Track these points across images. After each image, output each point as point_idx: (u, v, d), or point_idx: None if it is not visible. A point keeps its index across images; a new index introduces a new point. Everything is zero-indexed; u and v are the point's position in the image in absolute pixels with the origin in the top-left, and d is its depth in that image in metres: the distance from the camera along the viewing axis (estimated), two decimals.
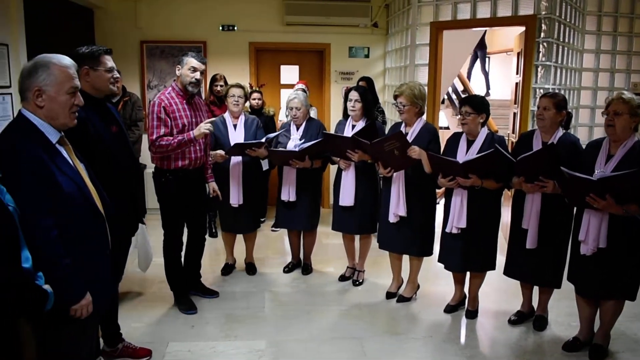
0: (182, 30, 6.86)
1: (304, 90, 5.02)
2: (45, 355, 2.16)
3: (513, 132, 5.71)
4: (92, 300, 2.15)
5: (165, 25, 6.84)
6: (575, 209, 3.45)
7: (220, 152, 4.31)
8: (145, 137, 5.82)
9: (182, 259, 4.14)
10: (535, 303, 3.94)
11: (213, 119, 3.90)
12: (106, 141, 2.86)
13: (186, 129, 3.80)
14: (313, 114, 5.36)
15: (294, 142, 4.49)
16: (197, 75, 3.82)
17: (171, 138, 3.73)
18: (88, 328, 2.26)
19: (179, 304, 4.10)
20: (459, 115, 3.79)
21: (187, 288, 4.21)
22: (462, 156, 3.71)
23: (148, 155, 4.08)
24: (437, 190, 4.12)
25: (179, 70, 3.84)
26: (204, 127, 3.77)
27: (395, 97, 4.01)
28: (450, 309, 4.11)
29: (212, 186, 4.21)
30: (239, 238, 4.89)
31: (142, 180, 5.31)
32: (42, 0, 5.20)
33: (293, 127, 4.60)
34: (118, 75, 2.98)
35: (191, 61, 3.81)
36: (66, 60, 2.14)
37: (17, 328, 1.83)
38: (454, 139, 3.88)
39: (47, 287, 1.84)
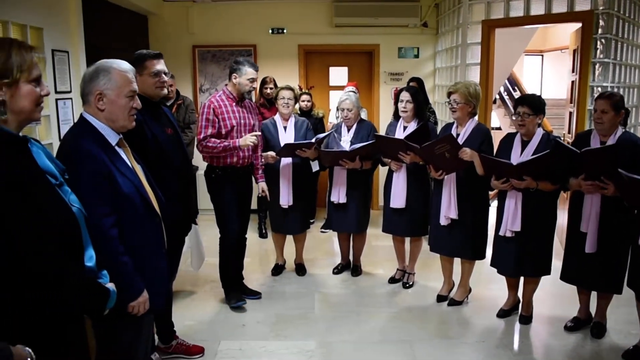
0: (233, 35, 6.97)
1: (354, 92, 5.01)
2: (103, 351, 2.24)
3: (569, 132, 5.54)
4: (149, 297, 2.20)
5: (217, 30, 6.98)
6: (636, 211, 3.32)
7: (271, 153, 4.36)
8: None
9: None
10: (592, 309, 3.81)
11: (257, 133, 4.02)
12: (161, 143, 2.94)
13: (235, 130, 3.96)
14: (364, 115, 5.35)
15: (345, 143, 4.49)
16: (255, 84, 4.06)
17: (218, 141, 3.89)
18: (144, 325, 2.32)
19: (228, 299, 4.19)
20: (515, 116, 3.69)
21: (236, 283, 4.29)
22: (516, 157, 3.62)
23: (199, 156, 4.19)
24: (490, 192, 4.03)
25: (236, 78, 3.97)
26: (250, 139, 3.91)
27: (449, 94, 3.95)
28: (503, 313, 4.02)
29: (262, 186, 4.31)
30: (289, 239, 4.93)
31: (195, 181, 5.43)
32: (100, 8, 5.40)
33: (344, 129, 4.61)
34: (166, 79, 3.04)
35: (250, 72, 3.97)
36: (125, 65, 2.21)
37: (83, 325, 1.90)
38: (508, 139, 3.79)
39: (110, 285, 1.89)
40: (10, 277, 1.59)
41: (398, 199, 4.35)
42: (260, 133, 4.10)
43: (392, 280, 4.72)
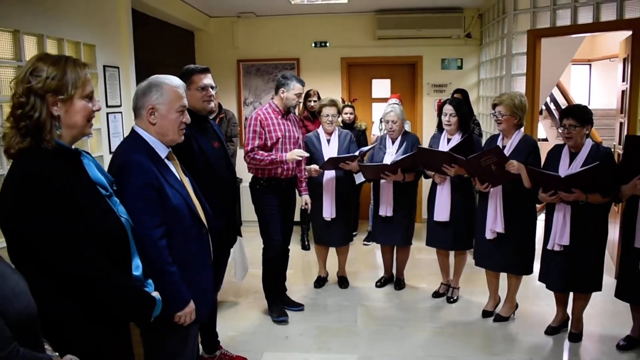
0: (277, 49, 7.08)
1: (398, 104, 4.99)
2: (150, 359, 2.29)
3: (619, 143, 5.37)
4: (195, 308, 2.24)
5: (261, 44, 7.10)
6: None
7: (315, 166, 4.38)
8: (240, 152, 6.06)
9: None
10: None
11: (306, 154, 4.10)
12: (209, 156, 3.00)
13: (280, 142, 4.02)
14: (408, 127, 5.32)
15: (390, 155, 4.48)
16: (301, 99, 4.16)
17: (265, 154, 3.95)
18: (190, 335, 2.36)
19: (271, 312, 4.21)
20: (562, 129, 3.60)
21: (279, 296, 4.31)
22: (564, 169, 3.53)
23: (243, 169, 4.25)
24: (537, 204, 3.94)
25: (284, 93, 4.05)
26: (297, 153, 3.99)
27: (494, 106, 3.90)
28: (551, 330, 3.91)
29: (305, 199, 4.35)
30: (332, 251, 4.93)
31: (239, 194, 5.50)
32: (149, 24, 5.58)
33: (388, 141, 4.60)
34: (213, 93, 3.10)
35: (298, 87, 4.06)
36: (177, 81, 2.28)
37: (128, 333, 1.95)
38: (556, 151, 3.70)
39: (155, 294, 1.94)
40: (59, 286, 1.65)
41: (442, 212, 4.31)
42: (308, 154, 4.15)
43: (436, 294, 4.65)
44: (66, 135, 1.73)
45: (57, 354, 1.35)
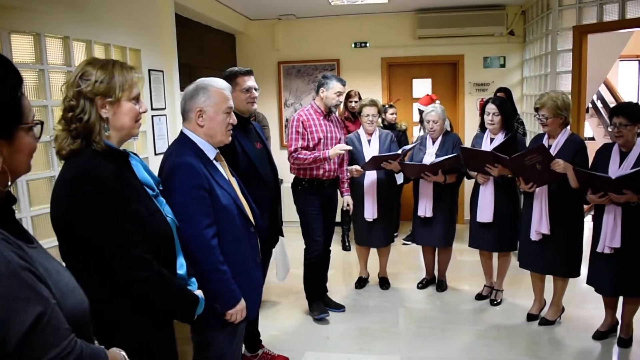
0: (317, 50, 7.12)
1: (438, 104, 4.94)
2: (198, 357, 2.34)
3: None
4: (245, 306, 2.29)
5: (301, 46, 7.15)
6: None
7: (356, 167, 4.37)
8: (281, 154, 6.11)
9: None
10: None
11: (348, 147, 4.10)
12: (251, 157, 3.04)
13: (322, 142, 4.04)
14: (448, 126, 5.26)
15: (430, 156, 4.44)
16: (341, 98, 4.13)
17: (308, 153, 3.97)
18: (238, 333, 2.40)
19: (311, 311, 4.23)
20: (612, 127, 3.49)
21: (320, 297, 4.33)
22: (615, 169, 3.42)
23: (283, 170, 4.28)
24: (585, 205, 3.83)
25: (323, 92, 4.06)
26: (340, 148, 3.98)
27: (537, 109, 3.81)
28: (599, 335, 3.79)
29: (347, 200, 4.35)
30: (373, 252, 4.92)
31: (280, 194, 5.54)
32: (192, 29, 5.69)
33: (429, 141, 4.56)
34: (256, 95, 3.15)
35: (338, 86, 4.05)
36: (222, 83, 2.33)
37: (172, 331, 1.99)
38: (605, 150, 3.59)
39: (198, 292, 1.97)
40: (106, 283, 1.69)
41: (485, 213, 4.24)
42: (350, 147, 4.15)
43: (479, 296, 4.58)
44: (114, 137, 1.79)
45: (103, 347, 1.39)
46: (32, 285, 1.09)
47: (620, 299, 3.69)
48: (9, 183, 1.18)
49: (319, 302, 4.28)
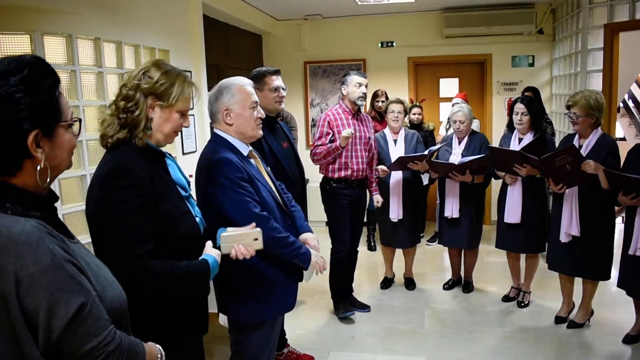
0: (343, 50, 7.12)
1: (465, 103, 4.90)
2: (235, 357, 2.38)
3: None
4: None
5: (327, 46, 7.16)
6: None
7: (382, 167, 4.37)
8: (307, 153, 6.11)
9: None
10: None
11: (351, 132, 3.95)
12: (278, 156, 3.07)
13: (350, 142, 4.00)
14: (475, 126, 5.21)
15: (456, 156, 4.41)
16: (364, 89, 4.06)
17: (324, 147, 3.98)
18: (274, 332, 2.46)
19: (337, 310, 4.24)
20: None
21: (346, 296, 4.33)
22: None
23: (309, 169, 4.29)
24: (616, 207, 3.76)
25: (345, 89, 4.07)
26: (345, 132, 3.91)
27: (569, 107, 3.75)
28: (630, 339, 3.72)
29: (377, 198, 4.34)
30: (398, 252, 4.90)
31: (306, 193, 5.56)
32: (219, 29, 5.75)
33: (455, 141, 4.53)
34: (284, 94, 3.17)
35: (355, 78, 4.04)
36: (243, 79, 2.38)
37: (200, 338, 2.02)
38: (637, 151, 3.51)
39: (207, 254, 1.89)
40: (131, 276, 1.70)
41: (513, 214, 4.19)
42: (353, 131, 3.97)
43: (506, 298, 4.53)
44: (154, 138, 1.83)
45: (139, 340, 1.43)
46: (75, 277, 1.14)
47: None
48: (48, 179, 1.22)
49: (345, 302, 4.28)
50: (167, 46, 4.25)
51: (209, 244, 1.91)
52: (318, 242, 2.50)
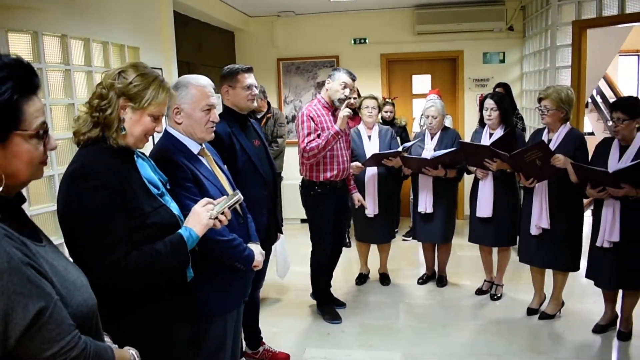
0: (316, 47, 7.12)
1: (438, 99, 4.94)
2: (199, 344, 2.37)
3: None
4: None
5: (300, 43, 7.15)
6: None
7: (357, 163, 4.37)
8: (287, 151, 6.10)
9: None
10: None
11: (348, 110, 3.81)
12: (249, 154, 3.04)
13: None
14: (448, 122, 5.26)
15: (428, 151, 4.44)
16: (347, 91, 3.88)
17: (319, 139, 3.80)
18: (229, 323, 2.47)
19: (323, 314, 4.20)
20: (611, 122, 3.49)
21: (332, 298, 4.32)
22: (614, 163, 3.42)
23: (289, 167, 4.27)
24: (584, 200, 3.83)
25: (329, 83, 3.94)
26: (343, 112, 3.76)
27: (540, 100, 3.81)
28: (599, 329, 3.80)
29: (357, 197, 4.30)
30: (373, 248, 4.92)
31: (280, 192, 5.54)
32: (190, 26, 5.69)
33: (427, 137, 4.56)
34: (256, 92, 3.13)
35: (343, 77, 3.88)
36: (203, 80, 2.35)
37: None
38: (605, 145, 3.59)
39: (182, 229, 1.89)
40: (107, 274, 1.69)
41: (485, 208, 4.24)
42: (350, 111, 3.85)
43: (479, 291, 4.59)
44: (126, 140, 1.81)
45: (116, 345, 1.41)
46: (34, 280, 1.10)
47: (620, 292, 3.70)
48: (1, 187, 1.17)
49: (330, 305, 4.25)
50: (137, 43, 4.20)
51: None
52: (263, 255, 2.53)
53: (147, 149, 2.18)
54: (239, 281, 2.46)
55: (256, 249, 2.48)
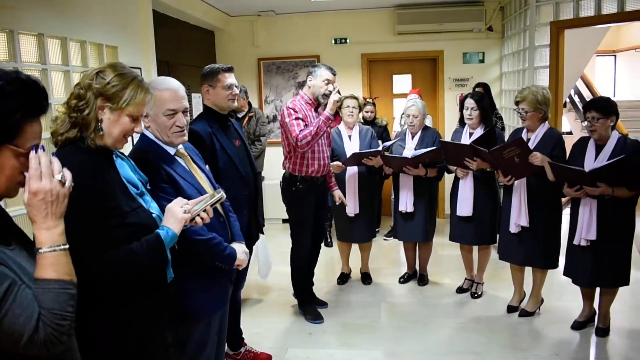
0: (297, 46, 7.11)
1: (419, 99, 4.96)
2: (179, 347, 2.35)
3: None
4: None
5: (281, 43, 7.13)
6: None
7: (337, 162, 4.38)
8: (268, 151, 6.09)
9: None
10: None
11: (336, 96, 3.80)
12: (230, 154, 3.02)
13: None
14: (429, 122, 5.29)
15: (409, 151, 4.46)
16: (330, 87, 3.90)
17: (309, 127, 3.78)
18: (212, 325, 2.44)
19: (305, 313, 4.20)
20: (586, 122, 3.55)
21: (313, 297, 4.32)
22: (590, 162, 3.48)
23: (267, 168, 4.25)
24: (563, 198, 3.89)
25: (311, 80, 3.94)
26: (333, 97, 3.75)
27: (517, 102, 3.85)
28: (578, 325, 3.86)
29: (337, 194, 4.30)
30: (355, 248, 4.93)
31: (261, 192, 5.52)
32: (169, 25, 5.64)
33: (408, 136, 4.58)
34: (237, 92, 3.11)
35: (326, 73, 3.90)
36: (167, 84, 2.31)
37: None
38: (581, 144, 3.65)
39: (160, 230, 1.89)
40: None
41: (465, 207, 4.28)
42: (340, 96, 3.84)
43: (460, 290, 4.63)
44: (105, 141, 1.79)
45: None
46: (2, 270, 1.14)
47: (598, 289, 3.75)
48: None
49: (312, 305, 4.25)
50: (115, 42, 4.15)
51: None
52: (247, 255, 2.52)
53: (127, 149, 2.17)
54: (222, 282, 2.45)
55: (239, 248, 2.46)
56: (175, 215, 1.89)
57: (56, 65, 3.47)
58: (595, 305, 3.83)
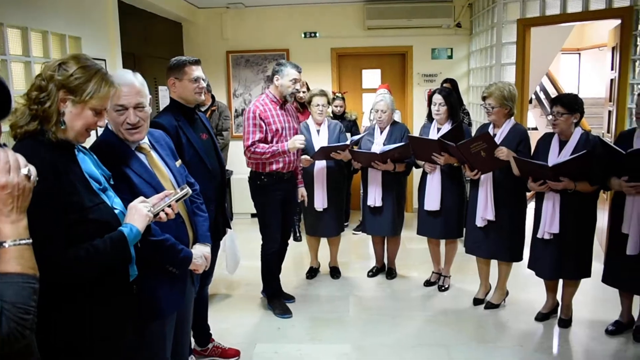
0: (266, 40, 7.05)
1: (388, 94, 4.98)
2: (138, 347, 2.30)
3: (608, 132, 5.40)
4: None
5: (250, 36, 7.07)
6: None
7: (306, 157, 4.36)
8: (232, 145, 6.04)
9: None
10: (635, 313, 3.70)
11: (303, 137, 3.91)
12: (197, 148, 2.98)
13: (279, 133, 3.90)
14: (397, 117, 5.32)
15: (378, 145, 4.48)
16: (297, 86, 3.95)
17: (266, 146, 3.82)
18: (168, 325, 2.39)
19: (274, 308, 4.19)
20: (550, 116, 3.62)
21: (281, 292, 4.30)
22: (554, 158, 3.55)
23: (236, 162, 4.21)
24: (527, 192, 3.96)
25: (278, 80, 3.93)
26: (299, 141, 3.84)
27: (484, 98, 3.90)
28: (541, 317, 3.94)
29: (301, 191, 4.30)
30: (323, 242, 4.93)
31: (229, 186, 5.48)
32: (136, 16, 5.53)
33: (377, 131, 4.59)
34: (204, 85, 3.07)
35: (293, 73, 3.91)
36: (120, 78, 2.19)
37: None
38: (546, 140, 3.72)
39: (124, 227, 1.85)
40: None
41: (432, 201, 4.32)
42: (304, 138, 3.95)
43: (428, 283, 4.68)
44: (67, 134, 1.74)
45: None
46: None
47: (560, 281, 3.84)
48: None
49: (281, 300, 4.24)
50: (78, 33, 4.05)
51: None
52: (206, 259, 2.43)
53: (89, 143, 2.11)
54: (180, 282, 2.36)
55: (199, 251, 2.39)
56: (140, 212, 1.86)
57: (16, 55, 3.37)
58: (559, 297, 3.93)
